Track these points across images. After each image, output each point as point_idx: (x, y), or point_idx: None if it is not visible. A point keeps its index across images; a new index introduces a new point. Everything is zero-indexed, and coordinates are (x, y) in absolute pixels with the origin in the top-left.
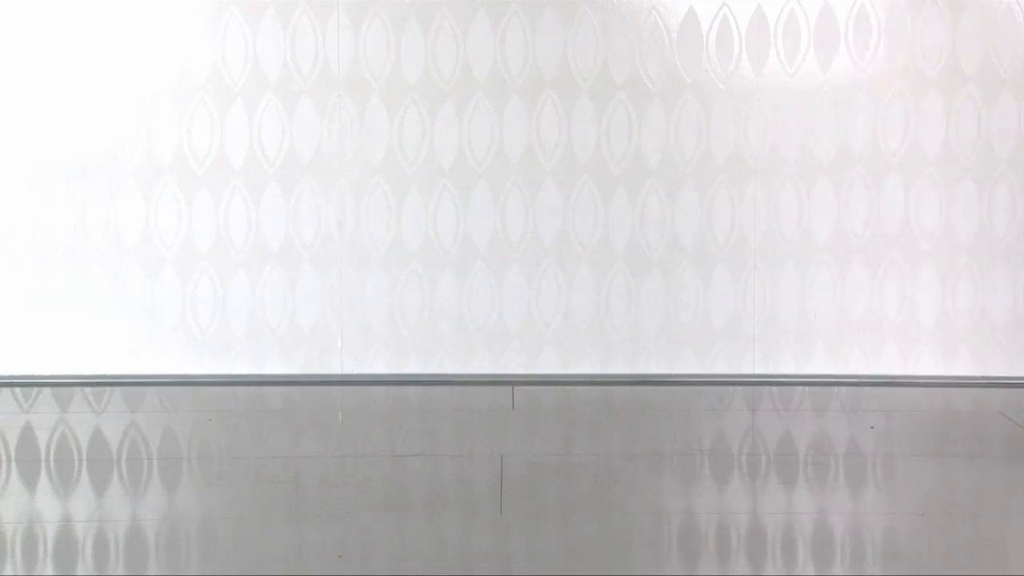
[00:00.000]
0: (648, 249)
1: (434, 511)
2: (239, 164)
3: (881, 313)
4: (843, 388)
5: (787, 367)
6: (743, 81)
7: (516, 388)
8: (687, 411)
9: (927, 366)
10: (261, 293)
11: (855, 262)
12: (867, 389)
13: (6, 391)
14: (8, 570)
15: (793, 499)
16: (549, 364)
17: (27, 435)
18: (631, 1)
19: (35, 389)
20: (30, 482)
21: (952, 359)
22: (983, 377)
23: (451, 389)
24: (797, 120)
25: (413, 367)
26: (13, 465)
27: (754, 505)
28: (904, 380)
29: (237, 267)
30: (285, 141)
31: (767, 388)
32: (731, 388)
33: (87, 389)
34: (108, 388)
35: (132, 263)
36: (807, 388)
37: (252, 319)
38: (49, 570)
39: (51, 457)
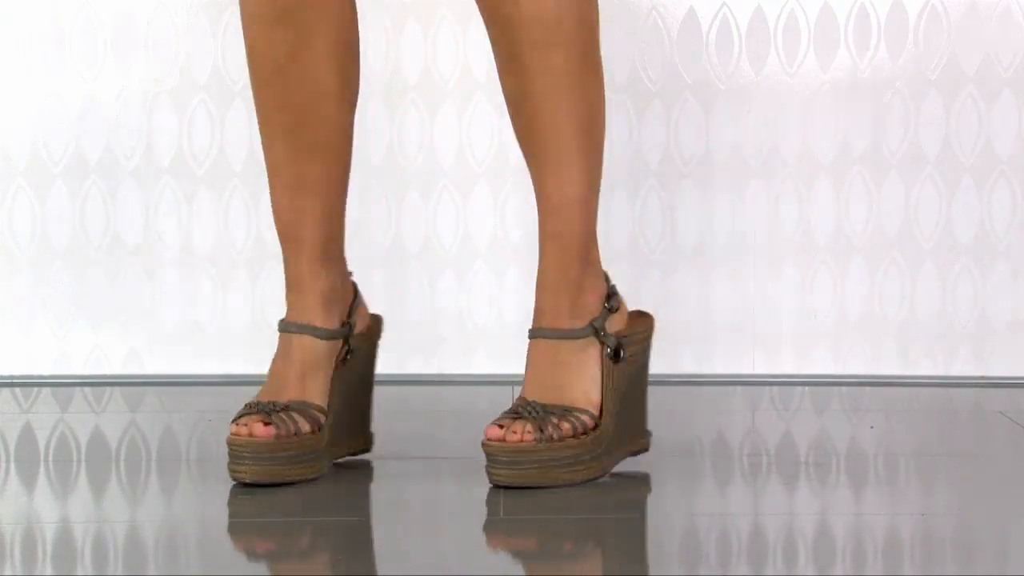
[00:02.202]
0: (647, 249)
1: (435, 512)
2: (239, 164)
3: (881, 313)
4: (843, 388)
5: (787, 367)
6: (743, 81)
7: (516, 388)
8: (688, 410)
9: (927, 366)
10: (261, 293)
11: (855, 262)
12: (867, 389)
13: (6, 391)
14: (7, 571)
15: (794, 498)
16: None
17: (27, 435)
18: (631, 1)
19: (35, 389)
20: (29, 482)
21: (952, 359)
22: (983, 377)
23: (451, 389)
24: (797, 120)
25: (413, 367)
26: (12, 465)
27: (755, 505)
28: (904, 380)
29: (237, 267)
30: None
31: (767, 388)
32: (731, 388)
33: (87, 389)
34: (108, 388)
35: (132, 263)
36: (807, 388)
37: (252, 319)
38: (48, 571)
39: (50, 457)
